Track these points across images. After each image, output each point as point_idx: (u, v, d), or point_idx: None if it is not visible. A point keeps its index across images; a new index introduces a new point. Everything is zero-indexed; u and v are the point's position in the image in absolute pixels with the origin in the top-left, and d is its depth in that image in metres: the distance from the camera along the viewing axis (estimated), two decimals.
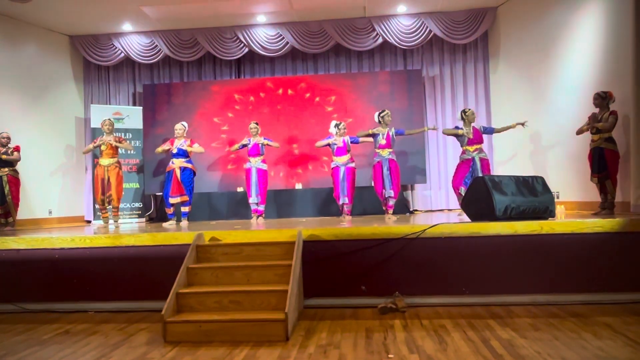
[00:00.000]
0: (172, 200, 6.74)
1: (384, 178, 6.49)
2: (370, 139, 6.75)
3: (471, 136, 6.35)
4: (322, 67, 8.71)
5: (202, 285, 3.90)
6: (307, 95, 8.27)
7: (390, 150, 6.59)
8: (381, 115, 6.63)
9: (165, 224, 6.65)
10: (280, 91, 8.31)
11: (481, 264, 4.10)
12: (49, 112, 8.20)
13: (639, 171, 4.93)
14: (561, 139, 6.65)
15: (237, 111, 8.32)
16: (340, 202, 6.85)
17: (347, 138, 6.87)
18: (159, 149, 6.98)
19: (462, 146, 6.47)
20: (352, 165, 6.86)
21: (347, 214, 6.83)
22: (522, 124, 6.40)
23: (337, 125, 6.88)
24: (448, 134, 6.64)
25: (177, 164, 6.74)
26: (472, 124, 6.44)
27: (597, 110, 5.38)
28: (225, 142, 8.21)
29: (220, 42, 8.29)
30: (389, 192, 6.47)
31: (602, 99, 5.29)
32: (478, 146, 6.36)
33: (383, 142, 6.55)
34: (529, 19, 7.38)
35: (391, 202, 6.57)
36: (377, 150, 6.62)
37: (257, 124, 7.07)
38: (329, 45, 8.23)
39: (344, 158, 6.82)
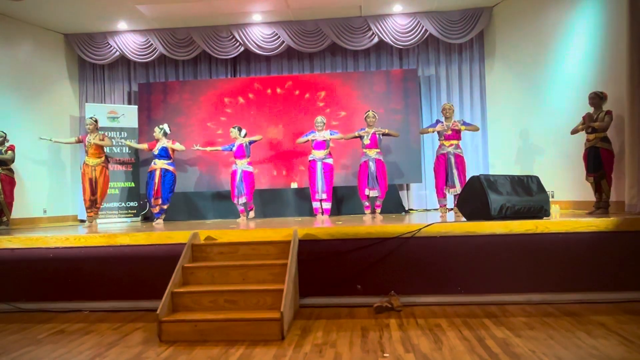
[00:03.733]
0: (153, 202, 6.90)
1: (370, 176, 6.50)
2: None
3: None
4: (318, 66, 8.70)
5: (198, 285, 3.90)
6: (299, 93, 8.25)
7: (377, 150, 6.64)
8: (364, 116, 6.75)
9: (154, 223, 6.71)
10: (274, 90, 8.28)
11: (476, 263, 4.11)
12: (44, 110, 8.14)
13: (634, 171, 4.95)
14: (556, 138, 6.67)
15: (233, 109, 8.29)
16: (318, 198, 6.70)
17: (327, 133, 6.83)
18: (133, 144, 7.34)
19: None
20: (330, 161, 6.81)
21: (326, 214, 6.76)
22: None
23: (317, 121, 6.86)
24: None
25: (159, 164, 6.81)
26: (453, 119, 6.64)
27: (592, 109, 5.40)
28: (224, 142, 8.17)
29: (215, 40, 8.27)
30: (375, 191, 6.48)
31: (600, 99, 5.31)
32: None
33: (367, 142, 6.61)
34: (525, 19, 7.40)
35: (378, 202, 6.61)
36: (364, 150, 6.66)
37: (235, 127, 7.11)
38: (324, 45, 8.22)
39: (322, 152, 6.76)
